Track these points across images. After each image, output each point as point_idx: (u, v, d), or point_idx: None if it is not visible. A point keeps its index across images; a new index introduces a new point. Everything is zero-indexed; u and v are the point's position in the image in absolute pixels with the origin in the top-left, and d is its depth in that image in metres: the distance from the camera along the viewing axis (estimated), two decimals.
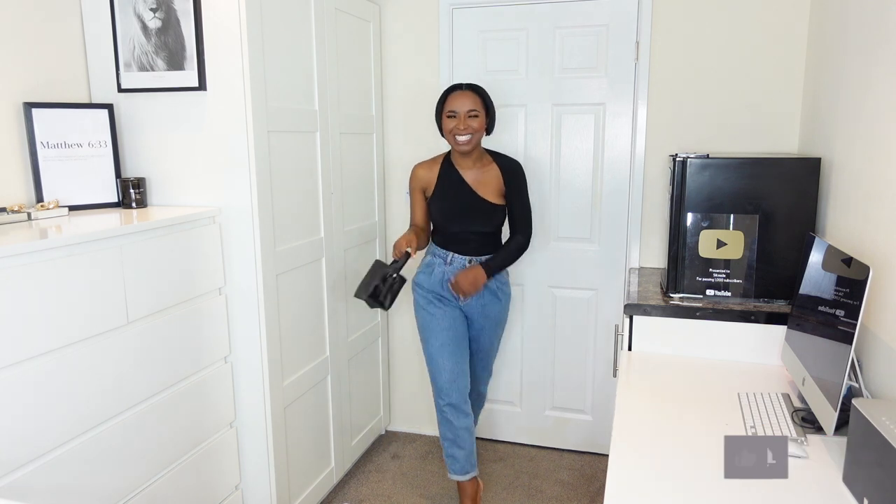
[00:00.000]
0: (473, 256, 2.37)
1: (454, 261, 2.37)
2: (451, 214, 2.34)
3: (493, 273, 2.34)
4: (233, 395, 2.15)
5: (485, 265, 2.33)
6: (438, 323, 2.36)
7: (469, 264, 2.36)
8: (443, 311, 2.37)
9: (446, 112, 2.27)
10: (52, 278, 1.49)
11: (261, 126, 2.02)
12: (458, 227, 2.34)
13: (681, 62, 2.58)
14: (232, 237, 2.07)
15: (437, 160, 2.42)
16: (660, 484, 1.26)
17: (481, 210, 2.33)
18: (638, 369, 1.87)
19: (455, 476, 2.40)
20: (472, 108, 2.24)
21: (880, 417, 1.11)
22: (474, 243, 2.36)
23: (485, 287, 2.39)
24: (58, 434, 1.52)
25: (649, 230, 2.73)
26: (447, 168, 2.37)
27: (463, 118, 2.23)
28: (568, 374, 2.95)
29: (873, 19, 1.69)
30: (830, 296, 1.50)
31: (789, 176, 1.98)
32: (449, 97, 2.27)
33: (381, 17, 2.89)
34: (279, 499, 2.23)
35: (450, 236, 2.37)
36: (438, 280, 2.38)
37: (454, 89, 2.28)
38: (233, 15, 1.92)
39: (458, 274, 2.32)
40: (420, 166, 2.42)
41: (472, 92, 2.26)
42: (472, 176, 2.35)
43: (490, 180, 2.36)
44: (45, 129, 1.92)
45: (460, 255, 2.36)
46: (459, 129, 2.24)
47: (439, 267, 2.38)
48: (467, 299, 2.38)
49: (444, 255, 2.38)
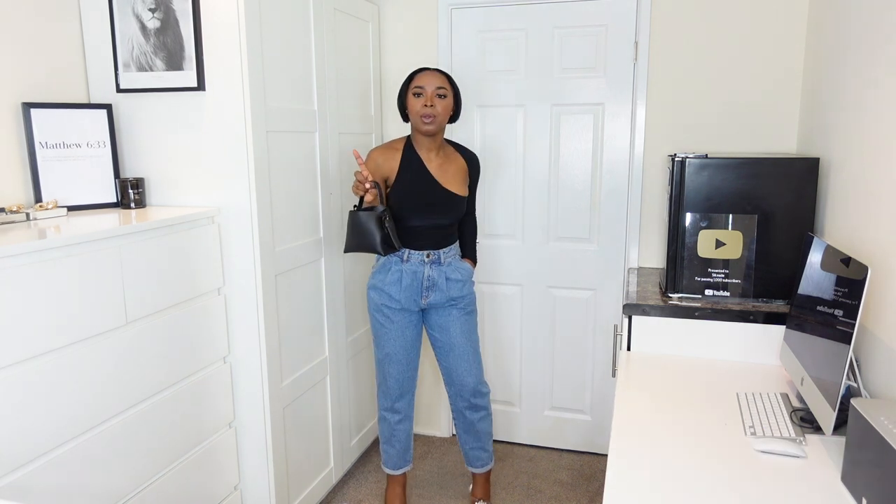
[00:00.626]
0: (430, 251, 2.24)
1: (411, 257, 2.24)
2: (413, 206, 2.19)
3: (476, 259, 2.48)
4: (232, 396, 2.15)
5: (469, 256, 2.44)
6: (387, 332, 2.30)
7: (427, 259, 2.24)
8: (391, 321, 2.29)
9: (412, 89, 2.14)
10: (51, 278, 1.49)
11: (260, 126, 2.02)
12: (421, 220, 2.20)
13: (679, 62, 2.58)
14: (231, 237, 2.06)
15: (395, 147, 2.24)
16: (659, 484, 1.26)
17: (447, 202, 2.22)
18: (637, 369, 1.88)
19: (387, 469, 2.49)
20: (441, 86, 2.13)
21: (879, 417, 1.12)
22: (434, 237, 2.24)
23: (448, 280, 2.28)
24: (57, 434, 1.52)
25: (648, 230, 2.73)
26: (409, 155, 2.22)
27: (430, 96, 2.12)
28: (567, 374, 2.95)
29: (872, 19, 1.70)
30: (829, 296, 1.50)
31: (788, 176, 1.99)
32: (416, 75, 2.16)
33: (380, 18, 2.89)
34: (278, 499, 2.23)
35: (407, 231, 2.23)
36: (395, 281, 2.25)
37: (421, 69, 2.19)
38: (231, 15, 1.92)
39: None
40: (377, 151, 2.23)
41: (439, 72, 2.17)
42: (435, 165, 2.23)
43: (454, 170, 2.27)
44: (43, 130, 1.92)
45: (417, 250, 2.24)
46: (427, 108, 2.11)
47: (395, 266, 2.25)
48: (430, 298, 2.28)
49: (399, 252, 2.25)
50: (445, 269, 2.28)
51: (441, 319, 2.33)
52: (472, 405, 2.40)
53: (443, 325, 2.33)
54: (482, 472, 2.53)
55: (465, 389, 2.37)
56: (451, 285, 2.29)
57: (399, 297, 2.26)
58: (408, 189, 2.20)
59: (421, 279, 2.25)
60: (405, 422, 2.42)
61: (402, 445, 2.45)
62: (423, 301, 2.29)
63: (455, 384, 2.38)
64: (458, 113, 2.26)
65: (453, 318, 2.32)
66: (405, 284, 2.25)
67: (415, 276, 2.25)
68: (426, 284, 2.26)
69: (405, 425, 2.43)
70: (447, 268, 2.28)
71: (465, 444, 2.48)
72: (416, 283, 2.25)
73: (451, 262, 2.30)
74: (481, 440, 2.47)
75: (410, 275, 2.25)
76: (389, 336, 2.30)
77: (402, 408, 2.39)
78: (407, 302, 2.27)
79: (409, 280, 2.25)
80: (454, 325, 2.32)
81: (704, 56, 2.55)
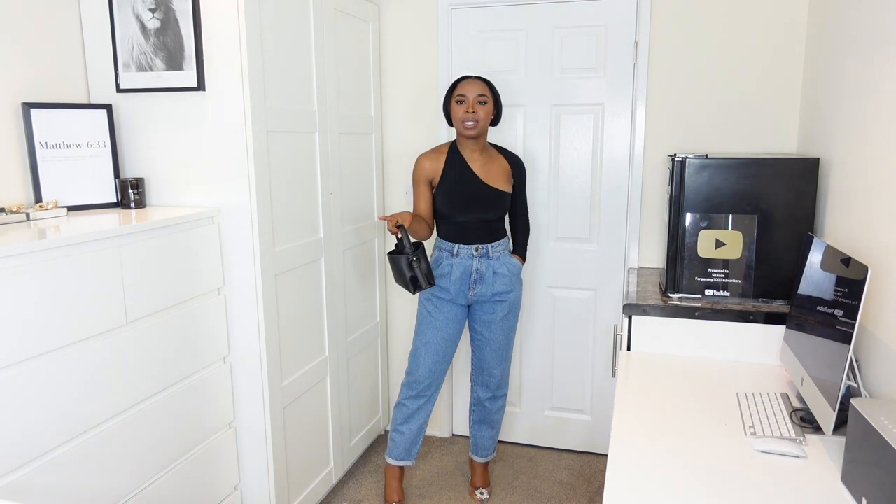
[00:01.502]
0: (479, 245, 2.37)
1: (460, 252, 2.37)
2: (458, 202, 2.33)
3: (525, 256, 2.53)
4: (232, 396, 2.15)
5: (518, 252, 2.51)
6: (432, 321, 2.42)
7: (475, 252, 2.36)
8: (438, 310, 2.41)
9: (456, 97, 2.31)
10: (51, 279, 1.49)
11: (260, 126, 2.02)
12: (466, 215, 2.34)
13: (679, 62, 2.58)
14: (231, 237, 2.06)
15: (441, 150, 2.41)
16: (659, 484, 1.26)
17: (490, 197, 2.35)
18: (637, 369, 1.88)
19: (389, 459, 2.54)
20: (482, 93, 2.29)
21: (879, 417, 1.12)
22: (480, 232, 2.37)
23: (495, 274, 2.40)
24: (57, 434, 1.52)
25: (648, 230, 2.73)
26: (453, 157, 2.38)
27: (472, 103, 2.28)
28: (567, 374, 2.95)
29: (872, 19, 1.70)
30: (829, 296, 1.50)
31: (788, 176, 1.99)
32: (459, 83, 2.32)
33: (380, 18, 2.89)
34: (278, 499, 2.23)
35: (456, 226, 2.37)
36: (446, 274, 2.38)
37: (463, 78, 2.34)
38: (231, 15, 1.92)
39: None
40: (425, 157, 2.40)
41: (480, 80, 2.32)
42: (478, 164, 2.38)
43: (497, 169, 2.40)
44: (43, 130, 1.92)
45: (465, 244, 2.37)
46: (469, 114, 2.28)
47: (447, 260, 2.38)
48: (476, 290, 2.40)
49: (449, 247, 2.38)
50: (493, 263, 2.40)
51: (486, 315, 2.45)
52: (494, 396, 2.56)
53: (486, 321, 2.46)
54: (485, 461, 2.67)
55: (492, 381, 2.53)
56: (497, 279, 2.40)
57: (449, 288, 2.39)
58: (452, 186, 2.35)
59: (469, 272, 2.38)
60: (421, 413, 2.49)
61: (412, 436, 2.50)
62: (470, 293, 2.40)
63: (484, 374, 2.53)
64: (499, 117, 2.41)
65: (498, 314, 2.45)
66: (455, 277, 2.38)
67: (465, 269, 2.38)
68: (474, 277, 2.38)
69: (420, 416, 2.49)
70: (495, 262, 2.40)
71: (478, 432, 2.63)
72: (465, 276, 2.38)
73: (499, 256, 2.41)
74: (494, 431, 2.63)
75: (460, 268, 2.38)
76: (434, 325, 2.42)
77: (424, 398, 2.47)
78: (456, 294, 2.40)
79: (458, 273, 2.38)
80: (497, 321, 2.45)
81: (704, 56, 2.55)
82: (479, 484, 2.67)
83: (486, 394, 2.55)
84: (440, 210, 2.38)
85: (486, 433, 2.63)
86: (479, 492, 2.64)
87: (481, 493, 2.64)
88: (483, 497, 2.63)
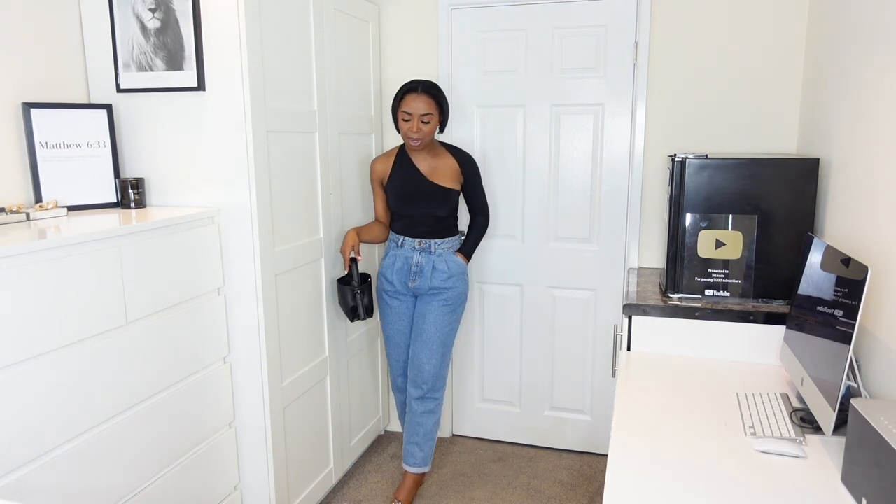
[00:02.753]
0: (423, 239, 2.47)
1: (404, 244, 2.49)
2: (404, 198, 2.45)
3: (470, 255, 2.57)
4: (232, 396, 2.15)
5: (463, 251, 2.55)
6: (385, 317, 2.59)
7: (418, 246, 2.47)
8: (388, 306, 2.56)
9: (401, 113, 2.37)
10: (51, 279, 1.49)
11: (260, 126, 2.02)
12: (411, 210, 2.45)
13: (679, 62, 2.58)
14: (231, 237, 2.07)
15: (391, 153, 2.54)
16: (659, 484, 1.26)
17: (433, 193, 2.44)
18: (637, 369, 1.88)
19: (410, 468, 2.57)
20: (426, 113, 2.34)
21: (879, 417, 1.12)
22: (427, 227, 2.46)
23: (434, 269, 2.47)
24: (57, 434, 1.52)
25: (648, 230, 2.73)
26: (401, 158, 2.50)
27: (416, 121, 2.34)
28: (567, 374, 2.95)
29: (872, 19, 1.70)
30: (829, 296, 1.50)
31: (788, 176, 1.99)
32: (405, 98, 2.35)
33: (380, 18, 2.89)
34: (278, 499, 2.23)
35: (404, 220, 2.49)
36: (390, 265, 2.51)
37: (410, 90, 2.35)
38: (231, 15, 1.92)
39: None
40: (376, 160, 2.55)
41: (427, 95, 2.34)
42: (425, 164, 2.48)
43: (444, 168, 2.48)
44: (43, 130, 1.92)
45: (410, 237, 2.48)
46: (412, 132, 2.35)
47: (392, 251, 2.52)
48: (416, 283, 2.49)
49: (396, 238, 2.51)
50: (434, 259, 2.48)
51: (422, 307, 2.51)
52: (423, 397, 2.48)
53: (421, 312, 2.51)
54: (412, 471, 2.53)
55: (419, 377, 2.47)
56: (435, 275, 2.47)
57: (393, 280, 2.51)
58: (399, 183, 2.47)
59: (410, 264, 2.48)
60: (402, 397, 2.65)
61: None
62: (410, 284, 2.50)
63: (413, 369, 2.49)
64: (445, 124, 2.48)
65: (433, 307, 2.48)
66: (397, 268, 2.50)
67: (406, 260, 2.49)
68: (414, 269, 2.48)
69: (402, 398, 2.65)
70: (436, 258, 2.48)
71: (405, 436, 2.56)
72: (405, 268, 2.49)
73: (441, 253, 2.49)
74: (419, 436, 2.51)
75: (402, 259, 2.49)
76: (388, 319, 2.58)
77: (403, 387, 2.63)
78: (400, 285, 2.51)
79: (400, 264, 2.50)
80: (430, 314, 2.48)
81: (704, 56, 2.55)
82: (400, 497, 2.51)
83: (416, 392, 2.48)
84: (391, 206, 2.51)
85: (409, 437, 2.52)
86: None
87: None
88: None
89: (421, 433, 2.51)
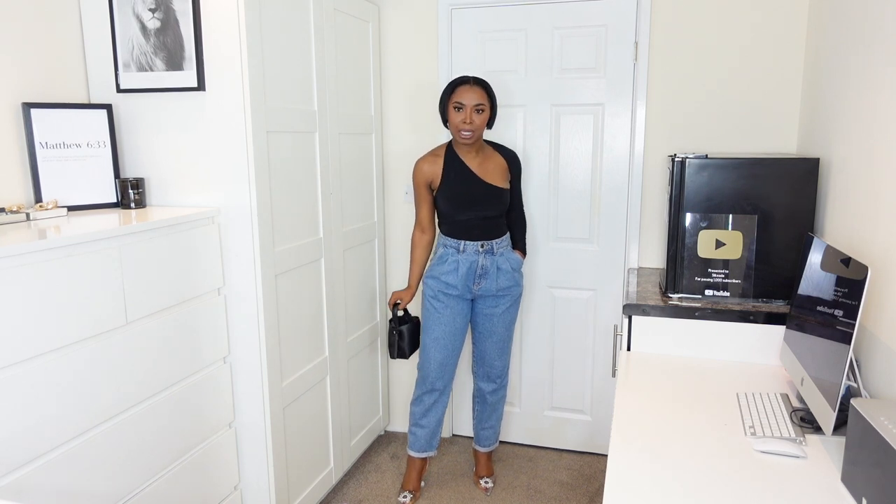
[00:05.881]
0: (484, 241, 2.42)
1: (466, 248, 2.42)
2: (460, 202, 2.38)
3: (525, 251, 2.61)
4: (232, 396, 2.15)
5: (519, 249, 2.57)
6: (438, 317, 2.47)
7: (481, 249, 2.42)
8: (444, 305, 2.46)
9: (453, 103, 2.30)
10: (51, 279, 1.49)
11: (260, 126, 2.02)
12: (468, 214, 2.39)
13: (679, 63, 2.58)
14: (231, 237, 2.07)
15: (438, 153, 2.44)
16: (659, 484, 1.26)
17: (490, 194, 2.40)
18: (637, 369, 1.88)
19: (411, 452, 2.63)
20: (480, 103, 2.28)
21: (879, 417, 1.12)
22: (483, 229, 2.42)
23: (499, 269, 2.47)
24: (57, 434, 1.52)
25: (648, 230, 2.73)
26: (451, 159, 2.41)
27: (469, 112, 2.28)
28: (567, 374, 2.95)
29: (872, 19, 1.70)
30: (829, 296, 1.50)
31: (788, 176, 1.99)
32: (457, 89, 2.31)
33: (380, 18, 2.89)
34: (278, 499, 2.23)
35: (459, 224, 2.42)
36: (452, 270, 2.43)
37: (462, 82, 2.31)
38: (231, 15, 1.92)
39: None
40: (423, 161, 2.43)
41: (479, 87, 2.31)
42: (476, 164, 2.41)
43: (494, 167, 2.43)
44: (43, 130, 1.92)
45: (471, 241, 2.42)
46: (465, 124, 2.28)
47: (452, 256, 2.43)
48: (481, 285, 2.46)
49: (455, 244, 2.43)
50: (497, 259, 2.46)
51: (489, 309, 2.52)
52: (496, 388, 2.64)
53: (489, 314, 2.52)
54: (488, 451, 2.75)
55: (493, 372, 2.60)
56: (500, 275, 2.47)
57: (456, 284, 2.44)
58: (453, 187, 2.40)
59: (475, 268, 2.43)
60: (438, 406, 2.58)
61: (432, 428, 2.60)
62: (475, 287, 2.47)
63: (485, 366, 2.60)
64: (494, 121, 2.41)
65: (500, 308, 2.51)
66: (461, 273, 2.43)
67: (470, 264, 2.43)
68: (479, 272, 2.44)
69: (438, 409, 2.59)
70: (499, 257, 2.46)
71: (481, 423, 2.71)
72: (470, 272, 2.44)
73: (503, 252, 2.48)
74: (493, 419, 2.71)
75: (466, 263, 2.43)
76: (441, 320, 2.48)
77: (438, 391, 2.55)
78: (462, 289, 2.46)
79: (464, 268, 2.43)
80: (499, 315, 2.52)
81: (704, 56, 2.55)
82: (483, 473, 2.74)
83: (488, 386, 2.63)
84: (443, 210, 2.43)
85: (488, 424, 2.70)
86: (483, 481, 2.71)
87: (486, 481, 2.70)
88: (487, 486, 2.69)
89: (495, 417, 2.71)
